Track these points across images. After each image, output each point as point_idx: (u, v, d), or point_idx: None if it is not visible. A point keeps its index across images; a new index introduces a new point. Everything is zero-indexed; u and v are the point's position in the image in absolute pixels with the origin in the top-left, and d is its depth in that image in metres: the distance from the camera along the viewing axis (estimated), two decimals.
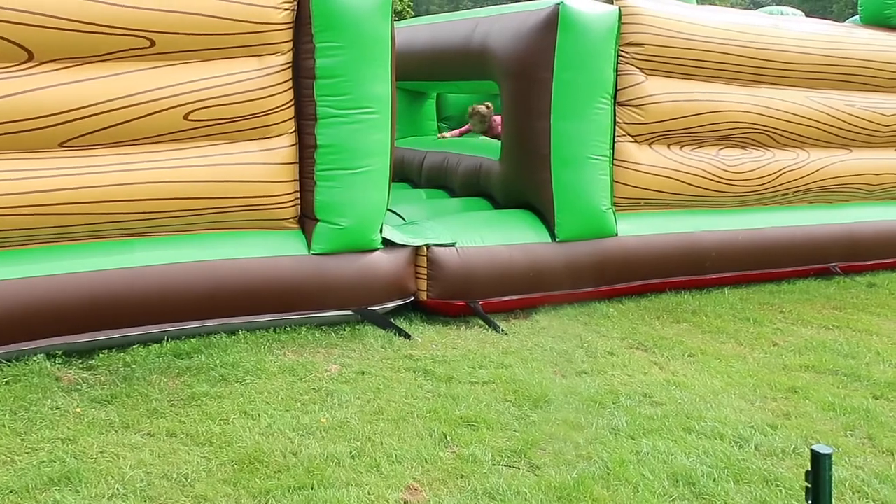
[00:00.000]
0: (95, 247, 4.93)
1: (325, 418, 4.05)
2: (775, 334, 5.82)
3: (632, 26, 6.27)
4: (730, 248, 6.98)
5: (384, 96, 5.44)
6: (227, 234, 5.28)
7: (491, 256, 5.94)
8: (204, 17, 4.90)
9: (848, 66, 7.45)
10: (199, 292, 5.09)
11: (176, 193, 4.98)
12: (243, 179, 5.17)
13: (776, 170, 7.20)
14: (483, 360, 5.01)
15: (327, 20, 5.18)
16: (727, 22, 6.83)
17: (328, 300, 5.46)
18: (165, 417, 4.03)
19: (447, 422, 4.06)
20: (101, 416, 4.03)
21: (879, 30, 7.85)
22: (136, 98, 4.81)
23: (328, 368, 4.76)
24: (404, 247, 5.74)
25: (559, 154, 6.10)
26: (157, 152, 4.97)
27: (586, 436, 3.95)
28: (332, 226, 5.42)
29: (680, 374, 4.89)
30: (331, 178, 5.37)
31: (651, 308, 6.35)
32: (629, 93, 6.36)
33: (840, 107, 7.47)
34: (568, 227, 6.21)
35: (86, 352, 4.86)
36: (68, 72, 4.69)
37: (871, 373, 5.01)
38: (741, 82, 6.94)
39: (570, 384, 4.64)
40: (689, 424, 4.10)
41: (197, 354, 4.86)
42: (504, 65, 6.30)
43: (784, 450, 3.85)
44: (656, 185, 6.61)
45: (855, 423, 4.23)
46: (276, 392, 4.38)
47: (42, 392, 4.28)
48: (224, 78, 5.03)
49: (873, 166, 7.85)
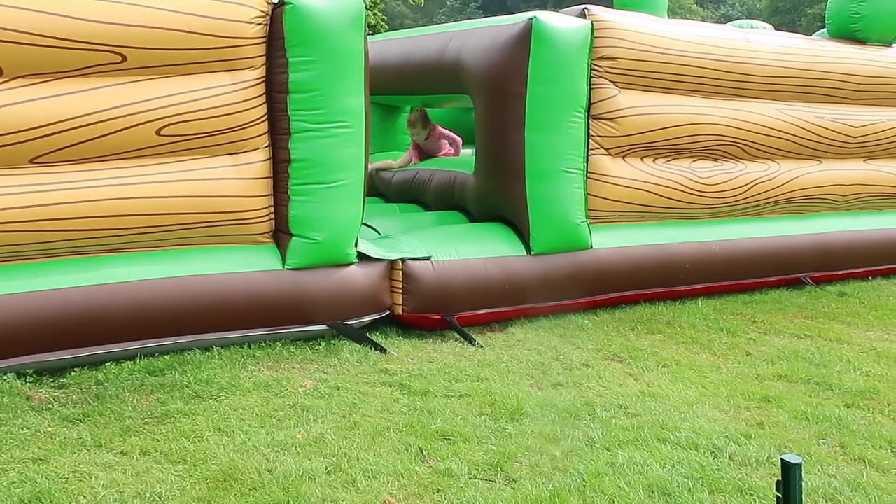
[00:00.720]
0: (67, 263, 4.87)
1: (300, 434, 4.03)
2: (748, 344, 5.87)
3: (604, 40, 6.33)
4: (703, 259, 7.04)
5: (358, 110, 5.45)
6: (201, 250, 5.25)
7: (466, 270, 5.95)
8: (176, 31, 4.88)
9: (817, 78, 7.56)
10: (173, 308, 5.06)
11: (149, 209, 4.95)
12: (217, 194, 5.15)
13: (748, 181, 7.28)
14: (459, 373, 5.01)
15: (300, 35, 5.18)
16: (698, 35, 6.91)
17: (303, 315, 5.44)
18: (138, 435, 3.99)
19: (423, 436, 4.05)
20: (73, 434, 3.98)
21: (847, 43, 7.98)
22: (108, 113, 4.78)
23: (303, 384, 4.74)
24: (379, 261, 5.73)
25: (533, 167, 6.13)
26: (129, 168, 4.93)
27: (562, 448, 3.96)
28: (306, 240, 5.40)
29: (655, 385, 4.91)
30: (305, 192, 5.36)
31: (626, 319, 6.38)
32: (602, 106, 6.41)
33: (810, 119, 7.58)
34: (543, 240, 6.24)
35: (57, 370, 4.80)
36: (39, 87, 4.65)
37: (842, 381, 5.06)
38: (713, 95, 7.02)
39: (546, 396, 4.65)
40: (665, 435, 4.12)
41: (171, 371, 4.82)
42: (478, 79, 6.33)
43: (758, 459, 3.88)
44: (630, 198, 6.66)
45: (827, 432, 4.27)
46: (251, 408, 4.35)
47: (12, 412, 4.22)
48: (197, 93, 5.02)
49: (843, 177, 7.96)
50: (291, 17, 5.17)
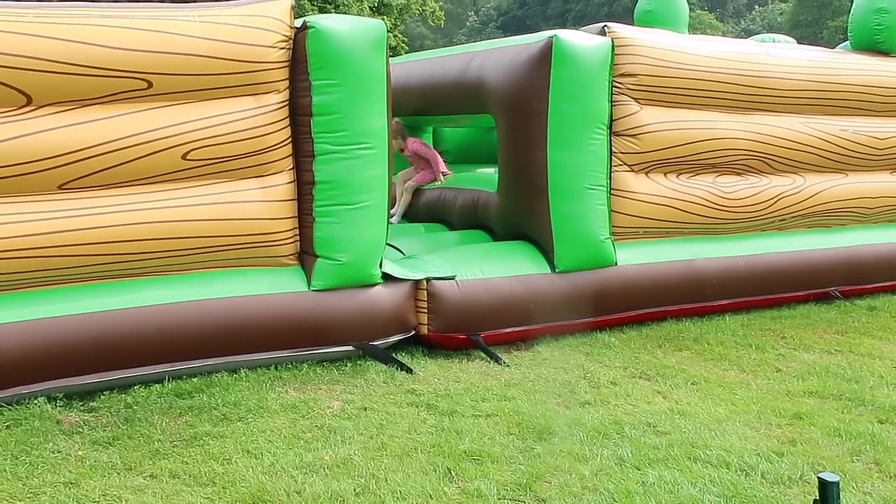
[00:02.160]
0: (96, 288, 4.93)
1: (328, 455, 4.02)
2: (778, 360, 5.80)
3: (625, 57, 6.33)
4: (730, 274, 6.98)
5: (381, 131, 5.48)
6: (228, 273, 5.28)
7: (491, 288, 5.94)
8: (200, 57, 4.95)
9: (840, 91, 7.51)
10: (201, 331, 5.09)
11: (175, 233, 4.99)
12: (242, 217, 5.19)
13: (773, 195, 7.23)
14: (486, 392, 4.99)
15: (323, 58, 5.23)
16: (720, 51, 6.90)
17: (329, 336, 5.45)
18: (168, 458, 4.00)
19: (451, 456, 4.03)
20: (103, 458, 4.00)
21: (870, 55, 7.92)
22: (134, 139, 4.84)
23: (330, 405, 4.74)
24: (404, 281, 5.74)
25: (556, 185, 6.12)
26: (156, 192, 4.99)
27: (591, 467, 3.92)
28: (331, 261, 5.42)
29: (684, 403, 4.87)
30: (329, 213, 5.39)
31: (653, 336, 6.34)
32: (624, 123, 6.40)
33: (834, 132, 7.52)
34: (567, 257, 6.22)
35: (87, 393, 4.84)
36: (67, 115, 4.72)
37: (875, 397, 4.99)
38: (735, 110, 6.99)
39: (573, 415, 4.62)
40: (695, 453, 4.08)
41: (198, 394, 4.84)
42: (499, 98, 6.35)
43: (791, 477, 3.83)
44: (654, 214, 6.63)
45: (861, 449, 4.20)
46: (279, 430, 4.36)
47: (43, 435, 4.25)
48: (222, 117, 5.07)
49: (870, 189, 7.88)
50: (314, 40, 5.21)
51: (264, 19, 5.15)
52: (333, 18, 5.38)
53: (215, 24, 5.02)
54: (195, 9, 5.08)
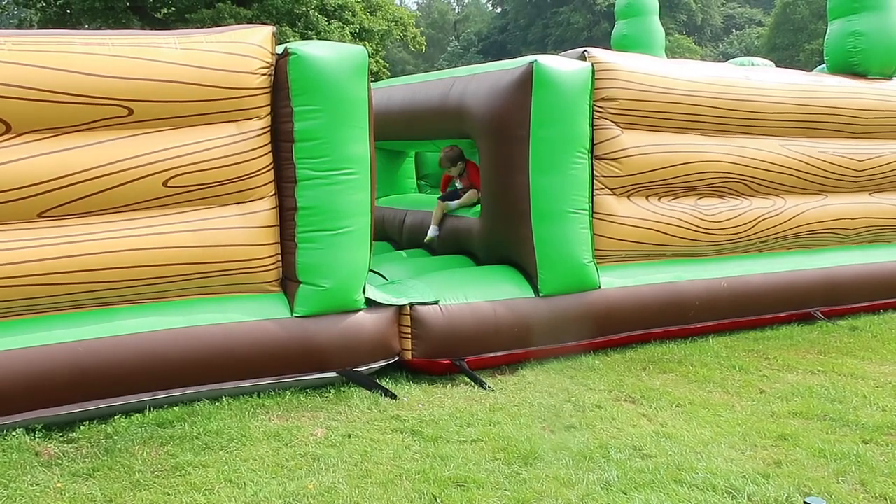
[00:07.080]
0: (76, 316, 4.87)
1: (312, 484, 3.98)
2: (762, 381, 5.81)
3: (605, 81, 6.37)
4: (713, 296, 7.00)
5: (363, 157, 5.47)
6: (209, 300, 5.24)
7: (475, 313, 5.92)
8: (181, 84, 4.94)
9: (820, 113, 7.59)
10: (182, 359, 5.04)
11: (157, 260, 4.96)
12: (224, 244, 5.16)
13: (754, 217, 7.28)
14: (471, 417, 4.96)
15: (304, 84, 5.23)
16: (699, 74, 6.96)
17: (312, 362, 5.41)
18: (149, 489, 3.94)
19: (436, 483, 4.00)
20: (83, 490, 3.94)
21: (847, 77, 8.02)
22: (115, 166, 4.82)
23: (314, 432, 4.70)
24: (388, 306, 5.72)
25: (539, 209, 6.13)
26: (136, 220, 4.96)
27: (578, 492, 3.90)
28: (314, 287, 5.40)
29: (669, 426, 4.86)
30: (312, 239, 5.37)
31: (637, 359, 6.34)
32: (606, 146, 6.44)
33: (814, 153, 7.59)
34: (550, 281, 6.22)
35: (66, 424, 4.77)
36: (46, 142, 4.70)
37: (859, 417, 5.00)
38: (716, 133, 7.04)
39: (559, 439, 4.60)
40: (681, 476, 4.06)
41: (180, 423, 4.78)
42: (481, 123, 6.37)
43: (777, 499, 3.82)
44: (637, 237, 6.65)
45: (846, 469, 4.20)
46: (262, 458, 4.31)
47: (21, 468, 4.18)
48: (203, 143, 5.06)
49: (849, 211, 7.95)
50: (295, 66, 5.22)
51: (245, 46, 5.16)
52: (315, 45, 5.38)
53: (196, 50, 5.01)
54: (176, 36, 5.07)
